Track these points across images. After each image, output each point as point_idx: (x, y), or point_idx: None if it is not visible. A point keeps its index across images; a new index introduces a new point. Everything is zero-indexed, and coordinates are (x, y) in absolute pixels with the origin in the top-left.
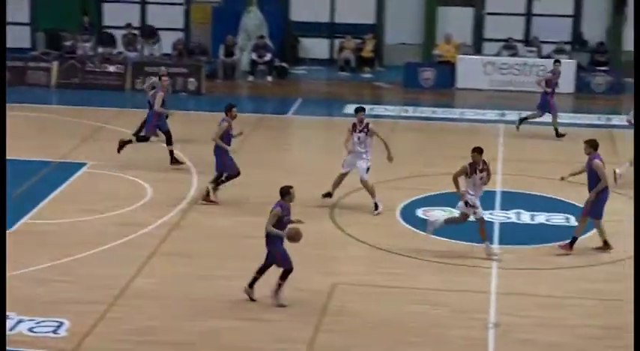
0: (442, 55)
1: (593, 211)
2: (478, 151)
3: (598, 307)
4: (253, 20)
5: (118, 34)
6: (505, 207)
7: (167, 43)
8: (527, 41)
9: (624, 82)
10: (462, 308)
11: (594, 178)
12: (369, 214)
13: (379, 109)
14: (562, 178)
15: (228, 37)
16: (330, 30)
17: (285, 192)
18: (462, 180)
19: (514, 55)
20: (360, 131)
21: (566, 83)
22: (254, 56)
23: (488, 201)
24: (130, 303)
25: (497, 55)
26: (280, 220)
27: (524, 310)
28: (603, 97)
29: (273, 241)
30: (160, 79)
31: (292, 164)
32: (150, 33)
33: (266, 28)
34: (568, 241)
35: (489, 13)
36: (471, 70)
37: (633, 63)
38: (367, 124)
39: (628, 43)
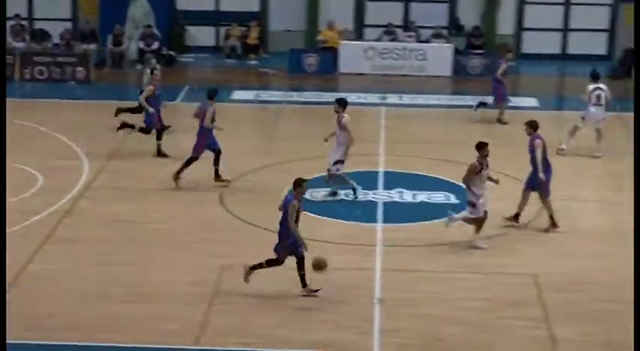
0: (325, 41)
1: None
2: (486, 145)
3: (479, 281)
4: (140, 9)
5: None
6: (388, 187)
7: (55, 33)
8: (406, 26)
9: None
10: (348, 285)
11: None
12: (259, 197)
13: (265, 95)
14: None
15: (116, 27)
16: (215, 18)
17: (298, 184)
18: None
19: (393, 40)
20: (337, 122)
21: (444, 66)
22: (142, 45)
23: (371, 182)
24: (25, 289)
25: (378, 40)
26: (297, 212)
27: (408, 285)
28: (479, 79)
29: (288, 233)
30: (152, 72)
31: (181, 151)
32: (42, 36)
33: (153, 17)
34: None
35: (370, 0)
36: (353, 56)
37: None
38: (339, 117)
39: (501, 27)
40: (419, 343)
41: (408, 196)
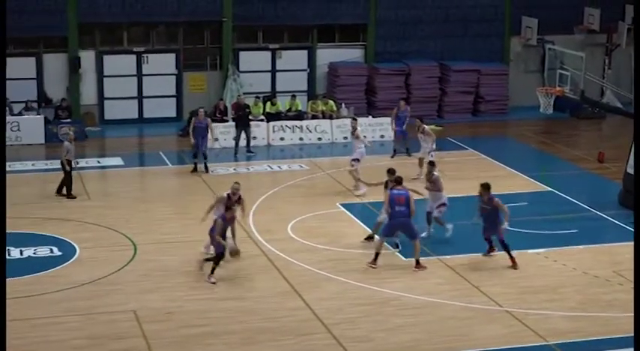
0: None
1: None
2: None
3: (80, 322)
4: None
5: None
6: None
7: None
8: None
9: (86, 131)
10: None
11: None
12: None
13: None
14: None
15: None
16: None
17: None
18: None
19: None
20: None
21: (37, 135)
22: None
23: None
24: None
25: None
26: None
27: (23, 332)
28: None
29: None
30: None
31: None
32: None
33: None
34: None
35: None
36: None
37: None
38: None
39: (85, 98)
40: None
41: (16, 253)
